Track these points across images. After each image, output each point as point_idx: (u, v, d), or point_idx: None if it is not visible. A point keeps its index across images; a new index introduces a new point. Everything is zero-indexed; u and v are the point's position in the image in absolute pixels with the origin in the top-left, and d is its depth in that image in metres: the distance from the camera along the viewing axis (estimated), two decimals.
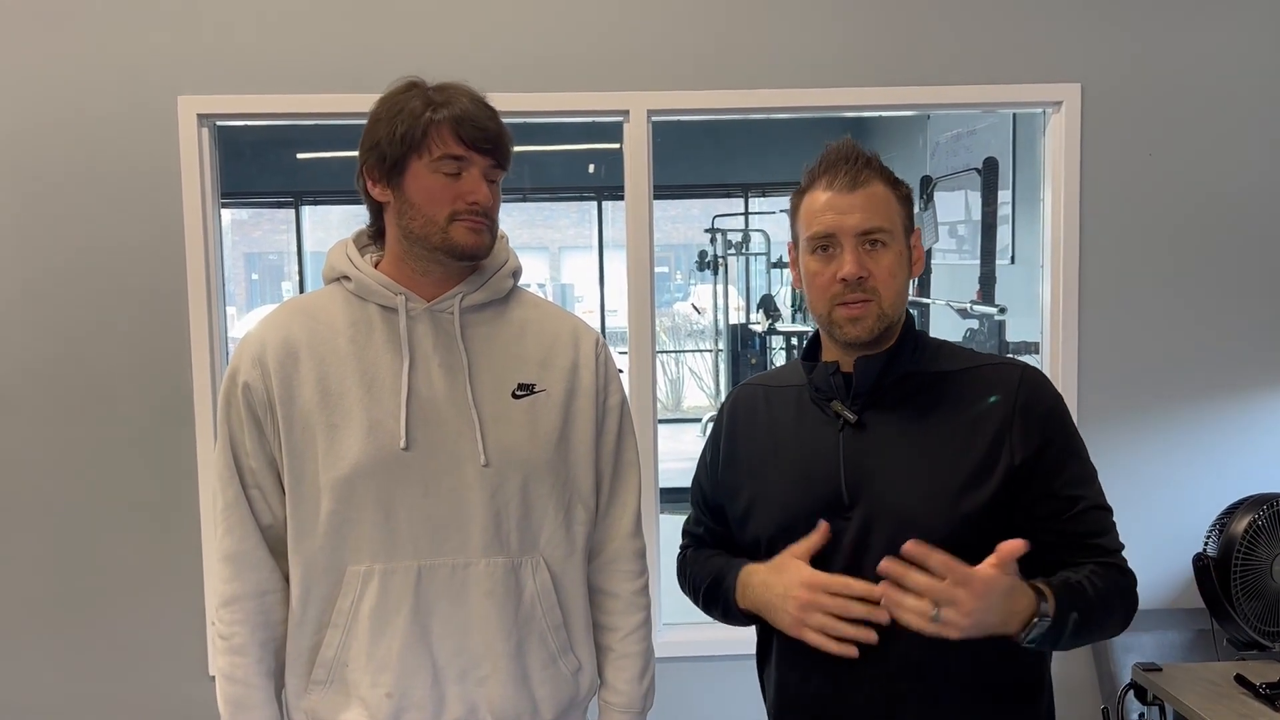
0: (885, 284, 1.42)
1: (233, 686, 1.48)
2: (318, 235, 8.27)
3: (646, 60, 2.71)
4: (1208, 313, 2.82)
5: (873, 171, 1.44)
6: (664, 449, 3.04)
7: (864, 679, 1.40)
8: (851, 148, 1.46)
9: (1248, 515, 2.37)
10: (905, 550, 1.28)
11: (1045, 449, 1.39)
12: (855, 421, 1.45)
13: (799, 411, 1.52)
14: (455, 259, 1.46)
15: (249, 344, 1.50)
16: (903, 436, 1.43)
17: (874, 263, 1.42)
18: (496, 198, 1.48)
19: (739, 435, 1.59)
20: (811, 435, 1.48)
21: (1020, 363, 1.47)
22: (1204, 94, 2.78)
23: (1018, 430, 1.39)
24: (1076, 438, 1.45)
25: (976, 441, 1.39)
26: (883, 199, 1.43)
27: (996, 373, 1.44)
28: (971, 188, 5.00)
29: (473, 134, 1.42)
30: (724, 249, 8.33)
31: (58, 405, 2.69)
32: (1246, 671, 2.22)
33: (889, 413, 1.45)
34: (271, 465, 1.48)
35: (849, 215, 1.41)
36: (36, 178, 2.66)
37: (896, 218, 1.44)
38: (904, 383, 1.46)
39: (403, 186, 1.45)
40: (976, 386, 1.43)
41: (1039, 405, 1.41)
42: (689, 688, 2.75)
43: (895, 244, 1.43)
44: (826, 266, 1.43)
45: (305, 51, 2.67)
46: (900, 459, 1.42)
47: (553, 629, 1.52)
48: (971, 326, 4.63)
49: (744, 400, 1.62)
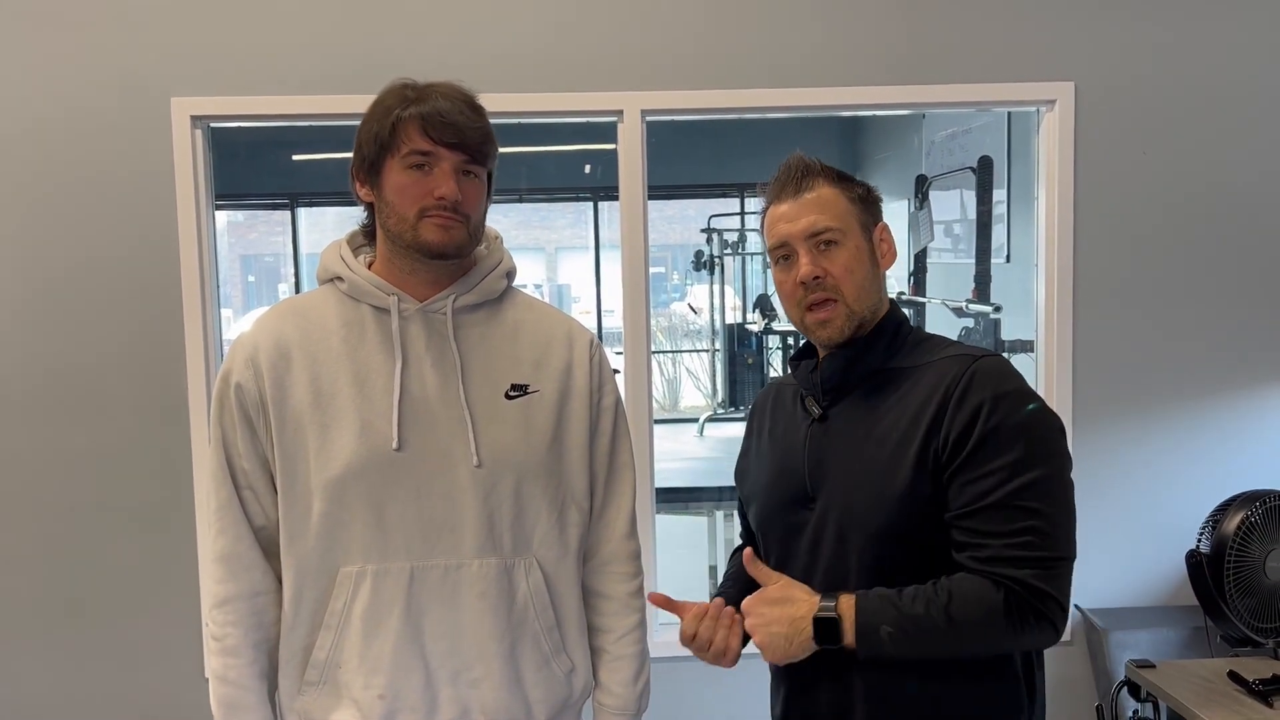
0: (844, 280, 1.45)
1: (225, 688, 1.48)
2: (314, 237, 8.25)
3: (640, 60, 2.71)
4: (1201, 310, 2.83)
5: (815, 175, 1.48)
6: (661, 449, 3.04)
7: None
8: (798, 160, 1.50)
9: (1240, 512, 2.38)
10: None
11: (964, 437, 1.35)
12: (819, 416, 1.50)
13: (791, 408, 1.59)
14: (427, 256, 1.45)
15: (241, 345, 1.49)
16: (854, 430, 1.46)
17: (829, 261, 1.45)
18: (476, 193, 1.46)
19: (754, 432, 1.67)
20: (791, 430, 1.55)
21: (979, 353, 1.43)
22: (1197, 91, 2.78)
23: (947, 419, 1.37)
24: (1023, 431, 1.35)
25: (913, 433, 1.39)
26: (829, 199, 1.47)
27: (947, 364, 1.42)
28: (966, 186, 5.00)
29: (439, 129, 1.41)
30: (720, 249, 8.32)
31: (52, 407, 2.69)
32: (1240, 668, 2.23)
33: (850, 407, 1.48)
34: (264, 466, 1.48)
35: (796, 221, 1.46)
36: (30, 180, 2.65)
37: (848, 215, 1.47)
38: (870, 378, 1.48)
39: (381, 186, 1.45)
40: (926, 379, 1.43)
41: (975, 394, 1.36)
42: (685, 689, 2.75)
43: (849, 240, 1.46)
44: (789, 274, 1.48)
45: (298, 53, 2.67)
46: (851, 452, 1.45)
47: (546, 631, 1.52)
48: (967, 325, 4.63)
49: (763, 396, 1.70)
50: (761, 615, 1.42)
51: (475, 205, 1.46)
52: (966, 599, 1.33)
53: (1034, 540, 1.32)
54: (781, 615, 1.40)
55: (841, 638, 1.36)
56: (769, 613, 1.41)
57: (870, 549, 1.41)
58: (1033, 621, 1.32)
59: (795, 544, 1.49)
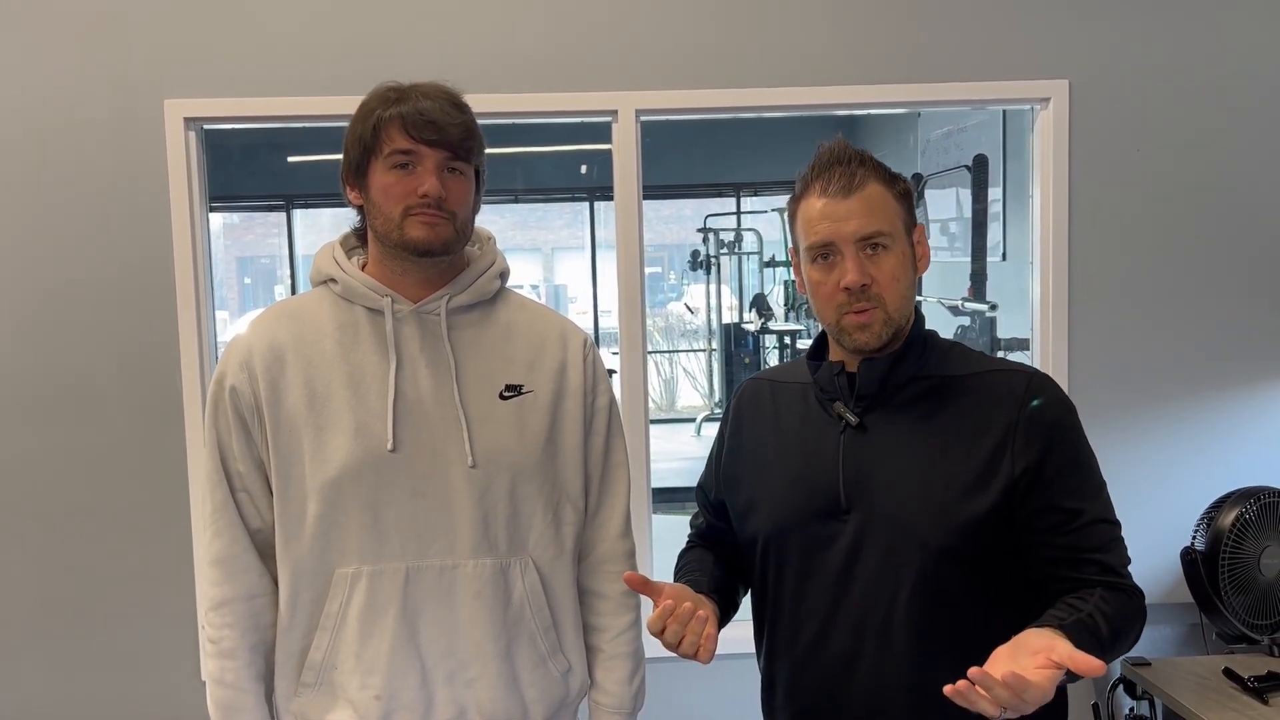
0: (889, 289, 1.38)
1: (223, 690, 1.48)
2: (309, 238, 8.25)
3: (634, 60, 2.71)
4: (1196, 308, 2.83)
5: (868, 171, 1.39)
6: (658, 449, 3.04)
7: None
8: (844, 149, 1.41)
9: (1235, 509, 2.38)
10: (971, 675, 1.15)
11: (1046, 459, 1.35)
12: (857, 424, 1.42)
13: (804, 410, 1.49)
14: (415, 255, 1.45)
15: (236, 348, 1.50)
16: (904, 441, 1.40)
17: (876, 268, 1.38)
18: (461, 190, 1.46)
19: (744, 430, 1.58)
20: (813, 435, 1.46)
21: (1030, 370, 1.43)
22: (1192, 89, 2.79)
23: (1020, 439, 1.35)
24: (1084, 449, 1.40)
25: (978, 450, 1.35)
26: (880, 200, 1.38)
27: (1004, 379, 1.40)
28: (962, 185, 5.01)
29: (419, 128, 1.41)
30: (717, 248, 8.33)
31: (46, 410, 2.69)
32: (1235, 665, 2.23)
33: (892, 416, 1.41)
34: (259, 469, 1.48)
35: (846, 222, 1.37)
36: (22, 183, 2.65)
37: (896, 218, 1.40)
38: (908, 386, 1.42)
39: (368, 187, 1.46)
40: (982, 393, 1.39)
41: (1044, 414, 1.36)
42: (680, 688, 2.75)
43: (897, 245, 1.39)
44: (829, 275, 1.39)
45: (292, 54, 2.66)
46: (900, 464, 1.39)
47: (542, 630, 1.53)
48: (963, 323, 4.64)
49: (750, 395, 1.60)
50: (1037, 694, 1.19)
51: (461, 202, 1.46)
52: (1124, 612, 1.35)
53: (1120, 548, 1.40)
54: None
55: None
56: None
57: (928, 566, 1.35)
58: (1144, 616, 1.39)
59: (822, 557, 1.41)
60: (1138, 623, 1.37)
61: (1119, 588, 1.36)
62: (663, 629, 1.34)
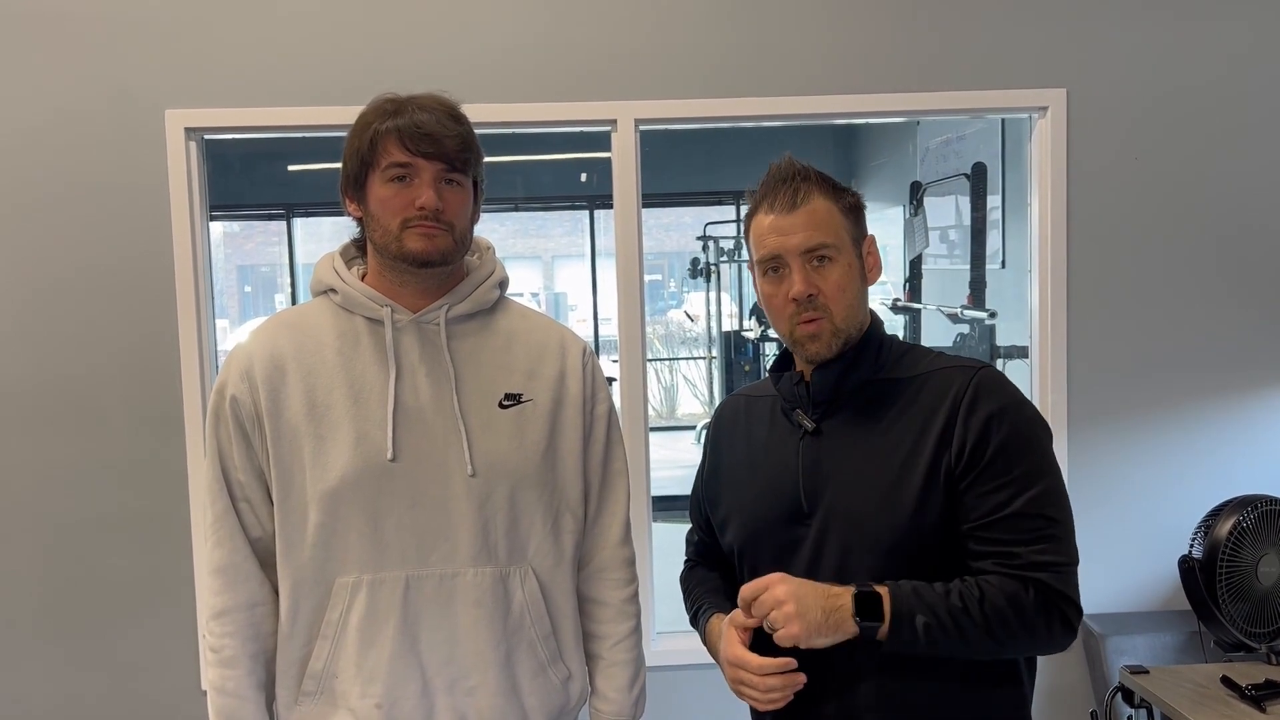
0: (835, 299, 1.43)
1: (224, 699, 1.48)
2: (310, 247, 8.26)
3: (633, 70, 2.73)
4: (1194, 316, 2.84)
5: (811, 185, 1.45)
6: (658, 457, 3.05)
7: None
8: (790, 166, 1.46)
9: (1232, 517, 2.38)
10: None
11: (980, 450, 1.36)
12: (814, 430, 1.47)
13: (771, 422, 1.55)
14: (414, 266, 1.46)
15: (236, 357, 1.50)
16: (855, 443, 1.44)
17: (821, 279, 1.43)
18: (459, 201, 1.47)
19: (722, 447, 1.63)
20: (778, 444, 1.51)
21: (978, 364, 1.45)
22: (1189, 97, 2.80)
23: (958, 431, 1.37)
24: (1028, 442, 1.39)
25: (922, 446, 1.39)
26: (824, 213, 1.44)
27: (949, 376, 1.43)
28: (961, 193, 5.02)
29: (416, 140, 1.42)
30: (716, 256, 8.33)
31: (48, 419, 2.69)
32: (1233, 673, 2.23)
33: (845, 420, 1.46)
34: (260, 478, 1.49)
35: (791, 235, 1.43)
36: (25, 192, 2.66)
37: (841, 230, 1.45)
38: (862, 390, 1.46)
39: (366, 200, 1.47)
40: (927, 391, 1.42)
41: (982, 406, 1.38)
42: (682, 696, 2.76)
43: (842, 257, 1.44)
44: (778, 288, 1.45)
45: (292, 65, 2.68)
46: (852, 465, 1.43)
47: (542, 638, 1.53)
48: (962, 331, 4.64)
49: (727, 412, 1.66)
50: (789, 592, 1.34)
51: (459, 213, 1.47)
52: (1000, 596, 1.33)
53: (1051, 546, 1.35)
54: (815, 592, 1.34)
55: (881, 619, 1.32)
56: (801, 590, 1.34)
57: (878, 565, 1.38)
58: (1057, 623, 1.35)
59: (790, 561, 1.45)
60: (1023, 615, 1.33)
61: (1013, 576, 1.34)
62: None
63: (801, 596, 1.34)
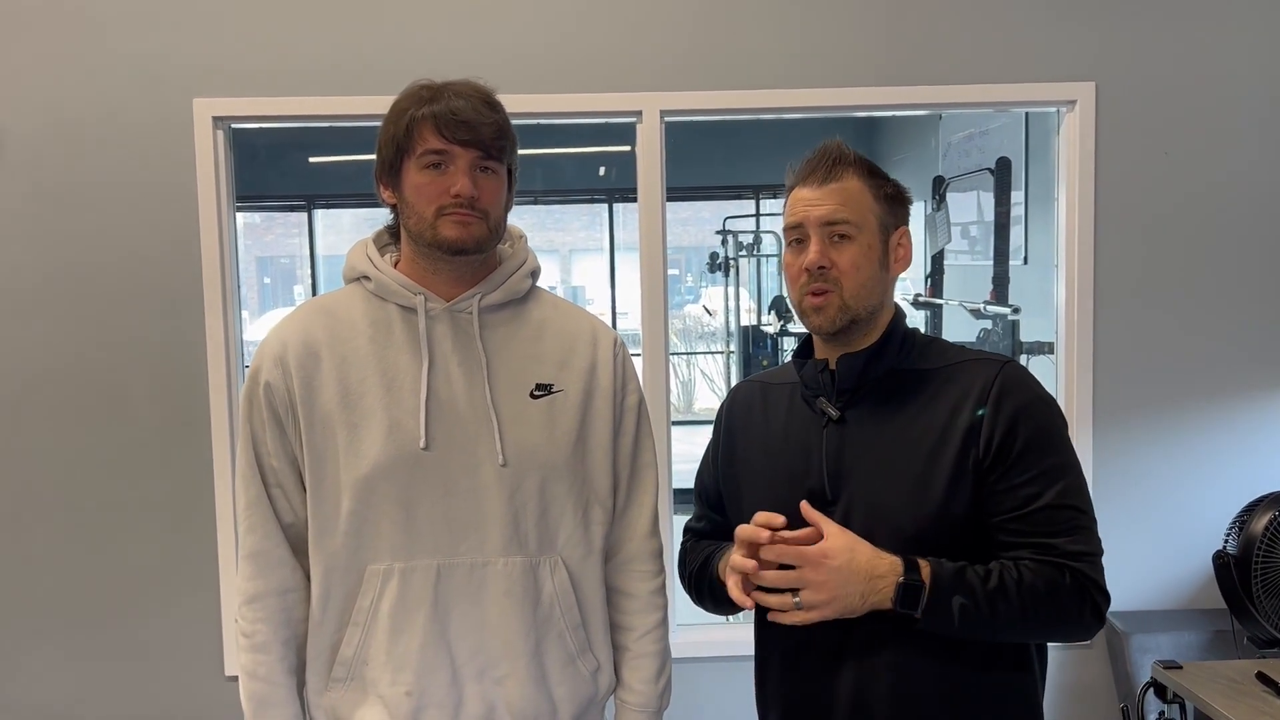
0: (848, 275, 1.44)
1: (255, 684, 1.49)
2: (330, 239, 8.28)
3: (659, 61, 2.72)
4: (1223, 311, 2.81)
5: (848, 165, 1.46)
6: (677, 451, 3.04)
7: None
8: (833, 147, 1.48)
9: (1268, 513, 2.36)
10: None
11: (1009, 443, 1.38)
12: (838, 417, 1.47)
13: (791, 408, 1.55)
14: (448, 254, 1.45)
15: (270, 344, 1.50)
16: (881, 432, 1.45)
17: (837, 254, 1.44)
18: (494, 189, 1.47)
19: (737, 432, 1.62)
20: (800, 431, 1.51)
21: (1003, 359, 1.47)
22: (1219, 92, 2.77)
23: (986, 425, 1.39)
24: (1055, 436, 1.41)
25: (949, 437, 1.40)
26: (854, 192, 1.45)
27: (974, 369, 1.44)
28: (984, 188, 4.98)
29: (452, 128, 1.42)
30: (735, 251, 8.31)
31: (74, 408, 2.71)
32: (1268, 669, 2.21)
33: (870, 409, 1.47)
34: (293, 464, 1.49)
35: (816, 207, 1.45)
36: (52, 181, 2.67)
37: (868, 212, 1.45)
38: (887, 379, 1.47)
39: (401, 187, 1.47)
40: (954, 383, 1.44)
41: (1010, 400, 1.40)
42: (705, 688, 2.75)
43: (863, 236, 1.45)
44: (797, 258, 1.47)
45: (320, 54, 2.68)
46: (877, 454, 1.44)
47: (571, 629, 1.53)
48: (985, 327, 4.61)
49: (742, 398, 1.65)
50: (835, 569, 1.34)
51: (494, 201, 1.47)
52: (1039, 580, 1.35)
53: (1082, 537, 1.38)
54: (858, 575, 1.34)
55: (918, 606, 1.33)
56: (852, 564, 1.34)
57: (899, 552, 1.37)
58: (1089, 610, 1.38)
59: None
60: (1058, 601, 1.35)
61: (1048, 563, 1.36)
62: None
63: (847, 579, 1.34)
